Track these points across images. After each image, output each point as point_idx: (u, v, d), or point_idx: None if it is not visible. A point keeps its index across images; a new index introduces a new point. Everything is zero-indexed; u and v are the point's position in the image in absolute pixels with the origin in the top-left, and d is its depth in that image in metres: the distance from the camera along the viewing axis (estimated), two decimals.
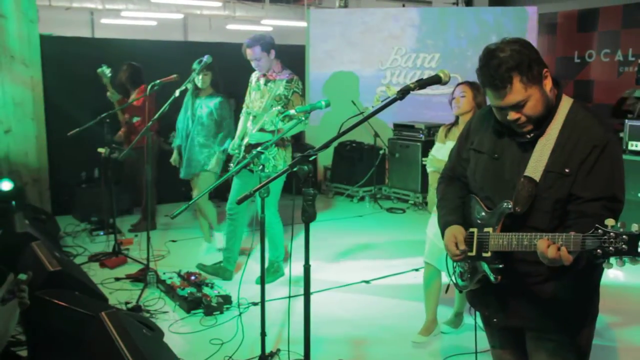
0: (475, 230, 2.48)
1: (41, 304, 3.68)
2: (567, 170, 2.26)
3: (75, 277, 4.14)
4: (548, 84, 2.31)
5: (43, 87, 7.17)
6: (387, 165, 9.38)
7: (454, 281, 2.74)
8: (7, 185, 6.12)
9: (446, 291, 3.90)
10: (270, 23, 14.12)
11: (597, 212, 2.15)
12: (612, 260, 2.02)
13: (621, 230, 1.99)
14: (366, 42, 10.01)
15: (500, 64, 2.22)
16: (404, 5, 11.88)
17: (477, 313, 2.79)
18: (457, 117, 4.36)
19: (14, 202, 5.67)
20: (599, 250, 2.02)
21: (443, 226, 2.59)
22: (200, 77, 5.86)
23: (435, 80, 2.59)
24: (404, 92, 2.56)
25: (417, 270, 5.72)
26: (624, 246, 1.98)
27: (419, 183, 8.65)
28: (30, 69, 7.06)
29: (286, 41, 9.35)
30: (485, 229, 2.42)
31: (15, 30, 6.93)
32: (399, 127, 9.31)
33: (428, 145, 8.40)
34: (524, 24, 9.50)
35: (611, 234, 2.00)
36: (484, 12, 10.19)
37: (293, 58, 6.53)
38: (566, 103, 2.37)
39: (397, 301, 5.08)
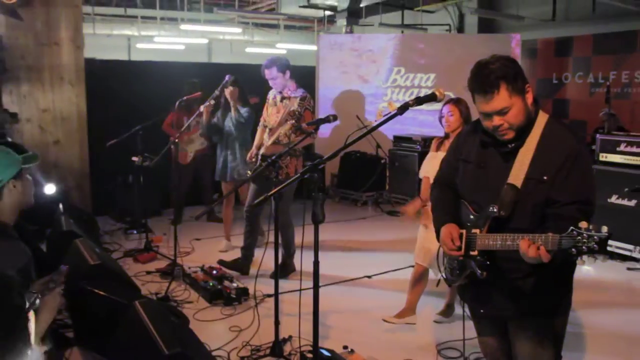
0: (464, 231, 2.49)
1: (84, 292, 3.71)
2: (545, 178, 2.28)
3: (113, 270, 4.15)
4: (529, 97, 2.33)
5: (86, 104, 7.22)
6: (388, 173, 9.37)
7: (445, 276, 2.75)
8: (51, 189, 6.15)
9: (437, 285, 3.91)
10: (284, 46, 14.15)
11: (573, 215, 2.16)
12: (585, 257, 2.03)
13: (593, 232, 2.00)
14: (369, 63, 10.02)
15: (490, 73, 2.25)
16: (402, 32, 11.90)
17: (466, 305, 2.80)
18: (448, 133, 4.38)
19: (60, 205, 5.69)
20: (573, 249, 2.02)
21: (439, 225, 2.60)
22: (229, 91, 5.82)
23: (431, 97, 2.61)
24: (403, 108, 2.58)
25: (413, 266, 5.70)
26: (595, 246, 1.99)
27: (415, 189, 8.63)
28: (76, 88, 7.11)
29: (298, 63, 9.36)
30: (473, 230, 2.44)
31: (65, 55, 7.01)
32: (398, 139, 9.31)
33: (424, 156, 8.36)
34: (509, 49, 9.50)
35: (584, 235, 2.01)
36: (473, 38, 10.20)
37: (304, 77, 6.56)
38: (543, 118, 2.39)
39: (395, 294, 5.07)
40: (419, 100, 2.65)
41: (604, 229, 2.00)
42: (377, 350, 4.02)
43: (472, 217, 2.48)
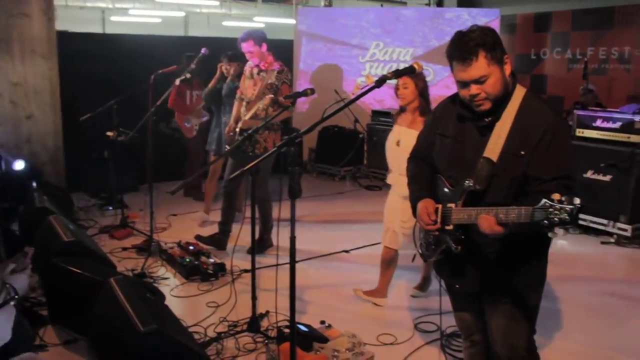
0: (439, 206, 2.48)
1: (57, 270, 3.67)
2: (522, 153, 2.27)
3: (88, 247, 4.11)
4: (508, 69, 2.31)
5: (59, 78, 7.07)
6: (366, 147, 9.35)
7: (420, 251, 2.75)
8: (20, 165, 6.04)
9: (412, 260, 3.91)
10: (262, 20, 13.96)
11: (557, 191, 2.12)
12: (557, 229, 2.03)
13: (565, 203, 2.00)
14: (348, 37, 9.94)
15: (469, 40, 2.23)
16: (382, 5, 11.81)
17: (442, 280, 2.80)
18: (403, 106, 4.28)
19: (34, 181, 5.60)
20: (545, 221, 2.02)
21: (415, 200, 2.59)
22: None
23: (410, 70, 2.58)
24: (380, 81, 2.56)
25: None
26: (567, 217, 1.98)
27: None
28: (48, 61, 6.95)
29: (276, 36, 9.23)
30: (449, 205, 2.43)
31: (36, 27, 6.82)
32: (376, 114, 9.29)
33: None
34: (488, 24, 9.46)
35: (556, 206, 2.00)
36: (452, 12, 10.15)
37: (282, 51, 6.46)
38: (520, 92, 2.36)
39: (373, 268, 5.09)
40: (397, 73, 2.63)
41: (576, 200, 1.99)
42: (355, 325, 4.03)
43: (447, 191, 2.48)
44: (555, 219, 2.00)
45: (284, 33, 11.37)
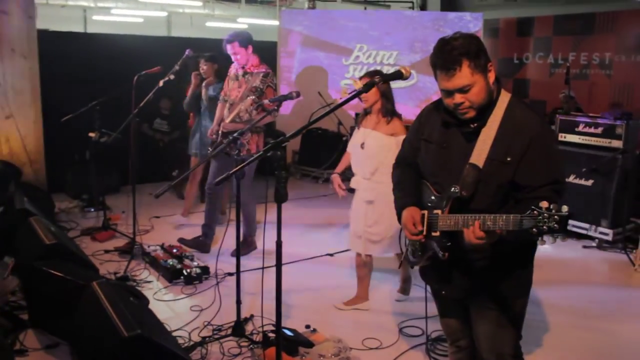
0: (425, 212, 2.47)
1: (39, 273, 3.62)
2: (508, 159, 2.27)
3: (69, 250, 4.06)
4: (492, 76, 2.31)
5: (40, 77, 6.98)
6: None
7: (407, 258, 2.74)
8: None
9: (399, 267, 3.92)
10: (245, 21, 13.90)
11: (549, 196, 2.14)
12: (546, 237, 2.04)
13: (553, 211, 2.01)
14: (332, 40, 9.94)
15: (453, 49, 2.22)
16: (365, 8, 11.83)
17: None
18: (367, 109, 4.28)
19: (12, 182, 5.51)
20: (534, 229, 2.03)
21: (400, 207, 2.58)
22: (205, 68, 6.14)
23: (397, 75, 2.57)
24: (369, 86, 2.55)
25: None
26: (555, 225, 2.00)
27: None
28: (29, 60, 6.85)
29: (260, 38, 9.21)
30: (435, 211, 2.42)
31: (16, 26, 6.72)
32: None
33: None
34: (470, 28, 9.52)
35: (545, 214, 2.01)
36: (435, 16, 10.20)
37: (266, 53, 6.41)
38: (505, 97, 2.37)
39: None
40: (385, 78, 2.62)
41: (564, 208, 2.00)
42: (340, 329, 4.03)
43: (433, 197, 2.47)
44: (544, 227, 2.01)
45: (267, 35, 11.35)
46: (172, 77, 5.56)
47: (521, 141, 2.26)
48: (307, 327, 3.93)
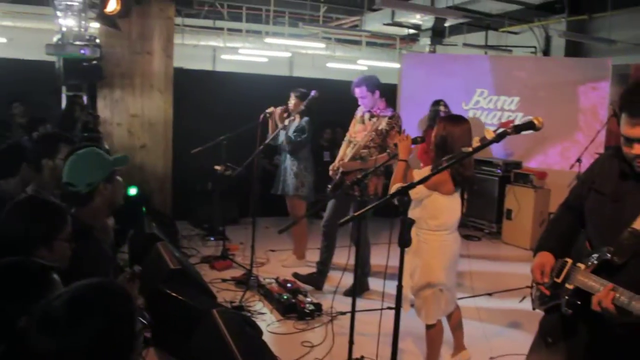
0: (570, 260, 2.31)
1: (163, 295, 3.78)
2: None
3: (191, 275, 4.21)
4: None
5: (173, 111, 7.45)
6: (466, 195, 9.12)
7: (532, 298, 2.56)
8: (133, 191, 6.34)
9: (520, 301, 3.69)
10: (365, 63, 14.15)
11: None
12: None
13: None
14: (452, 84, 9.85)
15: None
16: (486, 53, 11.69)
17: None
18: None
19: (144, 207, 5.85)
20: None
21: (537, 248, 2.44)
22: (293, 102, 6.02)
23: (530, 126, 2.49)
24: (500, 136, 2.50)
25: (490, 294, 5.56)
26: None
27: (494, 213, 8.42)
28: (164, 95, 7.37)
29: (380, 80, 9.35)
30: (579, 264, 2.26)
31: (157, 64, 7.28)
32: (478, 162, 9.09)
33: (505, 180, 8.18)
34: (599, 74, 9.09)
35: None
36: (559, 61, 9.89)
37: (385, 95, 6.46)
38: None
39: (468, 322, 4.91)
40: (517, 129, 2.54)
41: None
42: None
43: (585, 249, 2.29)
44: None
45: (386, 77, 11.43)
46: (297, 116, 5.73)
47: None
48: None
